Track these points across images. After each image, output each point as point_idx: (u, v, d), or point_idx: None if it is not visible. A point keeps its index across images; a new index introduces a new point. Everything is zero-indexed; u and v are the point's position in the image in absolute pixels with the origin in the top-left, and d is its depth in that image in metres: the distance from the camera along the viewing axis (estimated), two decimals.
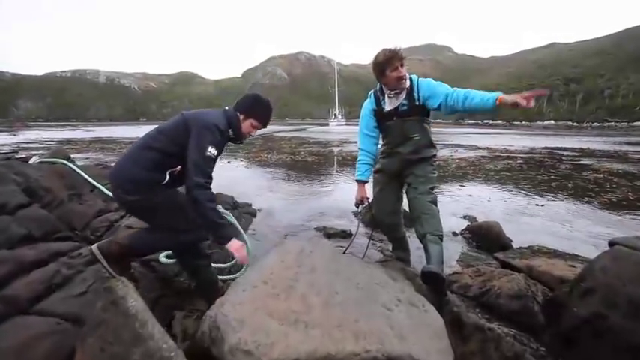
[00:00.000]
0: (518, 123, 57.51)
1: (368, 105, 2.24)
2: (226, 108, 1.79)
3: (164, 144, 1.59)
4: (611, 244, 1.37)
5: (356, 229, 2.38)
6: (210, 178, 1.60)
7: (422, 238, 1.94)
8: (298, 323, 0.93)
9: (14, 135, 23.45)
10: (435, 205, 1.99)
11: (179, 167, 1.65)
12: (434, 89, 2.01)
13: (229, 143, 1.81)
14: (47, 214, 2.06)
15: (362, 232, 3.33)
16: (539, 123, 54.85)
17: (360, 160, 2.30)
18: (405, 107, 2.07)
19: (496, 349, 1.72)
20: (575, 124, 50.68)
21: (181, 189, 1.71)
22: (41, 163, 3.37)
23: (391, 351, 0.93)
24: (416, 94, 2.05)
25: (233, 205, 4.47)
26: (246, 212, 4.31)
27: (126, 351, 0.80)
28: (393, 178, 2.24)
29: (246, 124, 1.77)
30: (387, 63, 1.98)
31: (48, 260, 1.60)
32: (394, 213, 2.34)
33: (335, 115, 64.01)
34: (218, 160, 1.65)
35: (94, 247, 1.60)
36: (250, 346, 0.82)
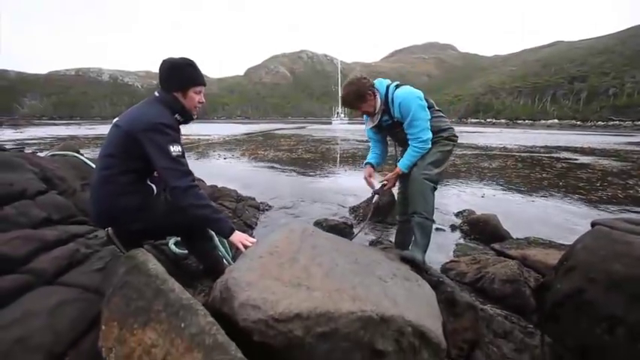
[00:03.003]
0: (522, 121, 57.21)
1: (365, 121, 2.30)
2: (156, 95, 1.57)
3: (125, 165, 1.47)
4: (593, 225, 1.47)
5: (363, 222, 2.47)
6: (191, 174, 1.48)
7: (410, 216, 1.98)
8: (301, 287, 1.03)
9: (20, 132, 23.75)
10: (431, 182, 1.93)
11: (155, 172, 1.59)
12: (406, 113, 1.97)
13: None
14: (64, 200, 2.18)
15: (360, 223, 3.44)
16: (542, 122, 54.55)
17: (369, 152, 2.37)
18: (389, 122, 2.13)
19: (487, 327, 1.83)
20: (579, 122, 50.35)
21: None
22: (53, 155, 3.50)
23: (385, 312, 1.03)
24: (391, 111, 2.05)
25: (237, 199, 4.60)
26: (249, 205, 4.43)
27: (149, 303, 0.91)
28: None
29: (190, 98, 1.57)
30: (344, 106, 2.13)
31: (67, 240, 1.72)
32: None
33: (338, 113, 63.98)
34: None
35: (110, 229, 1.72)
36: (258, 302, 0.92)
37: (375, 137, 2.32)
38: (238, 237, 1.48)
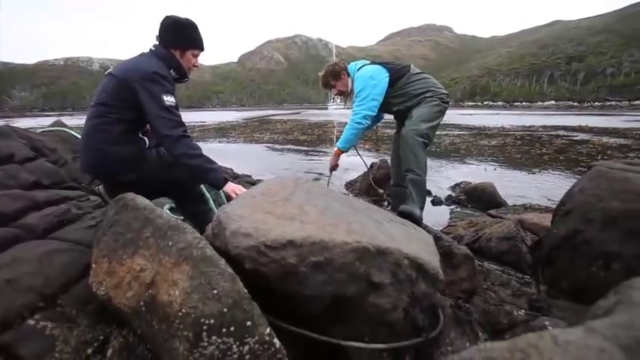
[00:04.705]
0: (519, 103, 56.91)
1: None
2: (152, 48, 1.54)
3: (118, 114, 1.43)
4: (590, 167, 1.45)
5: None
6: (183, 125, 1.46)
7: (404, 175, 2.00)
8: (294, 220, 1.01)
9: (12, 124, 23.39)
10: (420, 137, 1.93)
11: (148, 126, 1.56)
12: (356, 89, 2.15)
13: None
14: (54, 167, 2.13)
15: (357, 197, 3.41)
16: (539, 103, 54.28)
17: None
18: None
19: (485, 279, 1.84)
20: (576, 103, 50.17)
21: None
22: (43, 133, 3.42)
23: (381, 244, 1.01)
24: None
25: (233, 176, 4.57)
26: (245, 181, 4.40)
27: (137, 234, 0.88)
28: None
29: (187, 58, 1.57)
30: (322, 86, 2.37)
31: (59, 202, 1.69)
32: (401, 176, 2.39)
33: (333, 98, 63.35)
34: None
35: (101, 187, 1.69)
36: (250, 231, 0.90)
37: None
38: (232, 187, 1.47)
